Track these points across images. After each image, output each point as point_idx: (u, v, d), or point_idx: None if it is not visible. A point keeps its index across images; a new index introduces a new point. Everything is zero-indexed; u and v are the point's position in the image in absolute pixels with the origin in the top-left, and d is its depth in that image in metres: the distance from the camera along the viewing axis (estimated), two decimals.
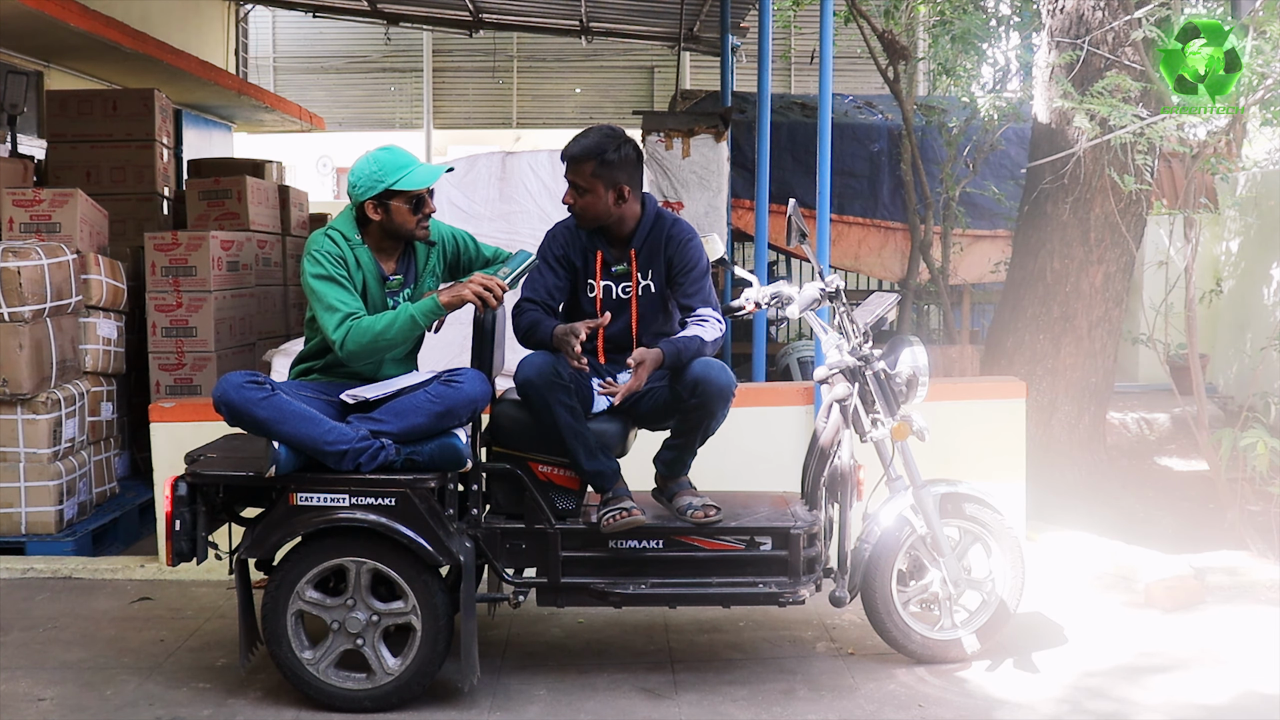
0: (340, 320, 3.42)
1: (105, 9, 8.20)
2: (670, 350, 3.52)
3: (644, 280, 3.71)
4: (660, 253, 3.71)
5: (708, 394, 3.51)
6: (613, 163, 3.62)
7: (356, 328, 3.42)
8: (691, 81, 14.69)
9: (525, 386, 3.51)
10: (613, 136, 3.67)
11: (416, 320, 3.46)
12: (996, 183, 8.53)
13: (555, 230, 3.81)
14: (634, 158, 3.68)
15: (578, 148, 3.64)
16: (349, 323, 3.42)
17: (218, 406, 3.38)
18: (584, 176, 3.63)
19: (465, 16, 11.37)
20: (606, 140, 3.64)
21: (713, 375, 3.51)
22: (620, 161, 3.63)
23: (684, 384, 3.54)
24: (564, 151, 3.68)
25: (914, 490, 3.72)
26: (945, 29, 7.82)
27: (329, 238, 3.56)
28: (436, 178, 3.62)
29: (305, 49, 15.71)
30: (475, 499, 3.60)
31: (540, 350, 3.57)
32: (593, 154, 3.61)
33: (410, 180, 3.54)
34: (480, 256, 3.86)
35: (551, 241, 3.78)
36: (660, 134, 6.99)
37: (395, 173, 3.53)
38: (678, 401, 3.58)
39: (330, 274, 3.48)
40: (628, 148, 3.67)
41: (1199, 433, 5.28)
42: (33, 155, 7.71)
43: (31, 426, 4.91)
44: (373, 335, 3.42)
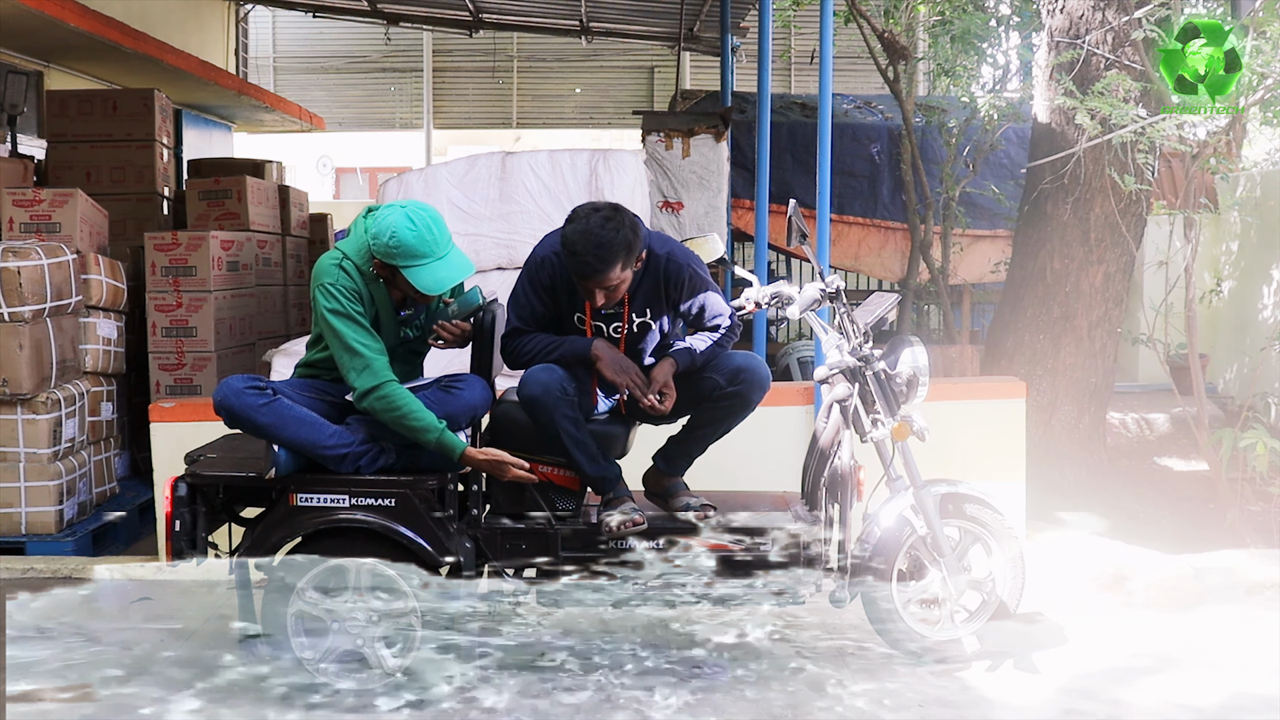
0: (365, 368, 3.36)
1: (105, 9, 8.19)
2: (684, 359, 3.60)
3: (639, 319, 3.68)
4: (661, 294, 3.66)
5: (750, 383, 3.59)
6: (630, 247, 3.46)
7: (391, 395, 3.35)
8: (691, 81, 14.68)
9: (531, 403, 3.51)
10: (615, 226, 3.43)
11: (436, 443, 3.38)
12: (996, 183, 8.53)
13: (545, 258, 3.63)
14: (635, 223, 3.49)
15: (600, 264, 3.41)
16: (384, 383, 3.35)
17: (218, 410, 3.38)
18: (613, 277, 3.48)
19: (465, 16, 11.37)
20: (614, 236, 3.42)
21: (755, 365, 3.62)
22: (634, 241, 3.47)
23: (724, 372, 3.60)
24: (584, 271, 3.45)
25: (914, 490, 3.72)
26: (945, 29, 7.82)
27: (343, 270, 3.46)
28: (446, 288, 3.46)
29: (305, 49, 15.70)
30: (475, 499, 3.61)
31: (546, 366, 3.55)
32: (616, 259, 3.44)
33: (418, 278, 3.39)
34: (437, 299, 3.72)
35: (539, 269, 3.63)
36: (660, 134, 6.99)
37: (408, 260, 3.39)
38: (711, 391, 3.60)
39: (347, 311, 3.40)
40: (626, 222, 3.46)
41: (1199, 433, 5.28)
42: (33, 155, 7.70)
43: (31, 426, 4.91)
44: (395, 415, 3.36)
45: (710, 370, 3.63)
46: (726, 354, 3.68)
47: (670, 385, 3.59)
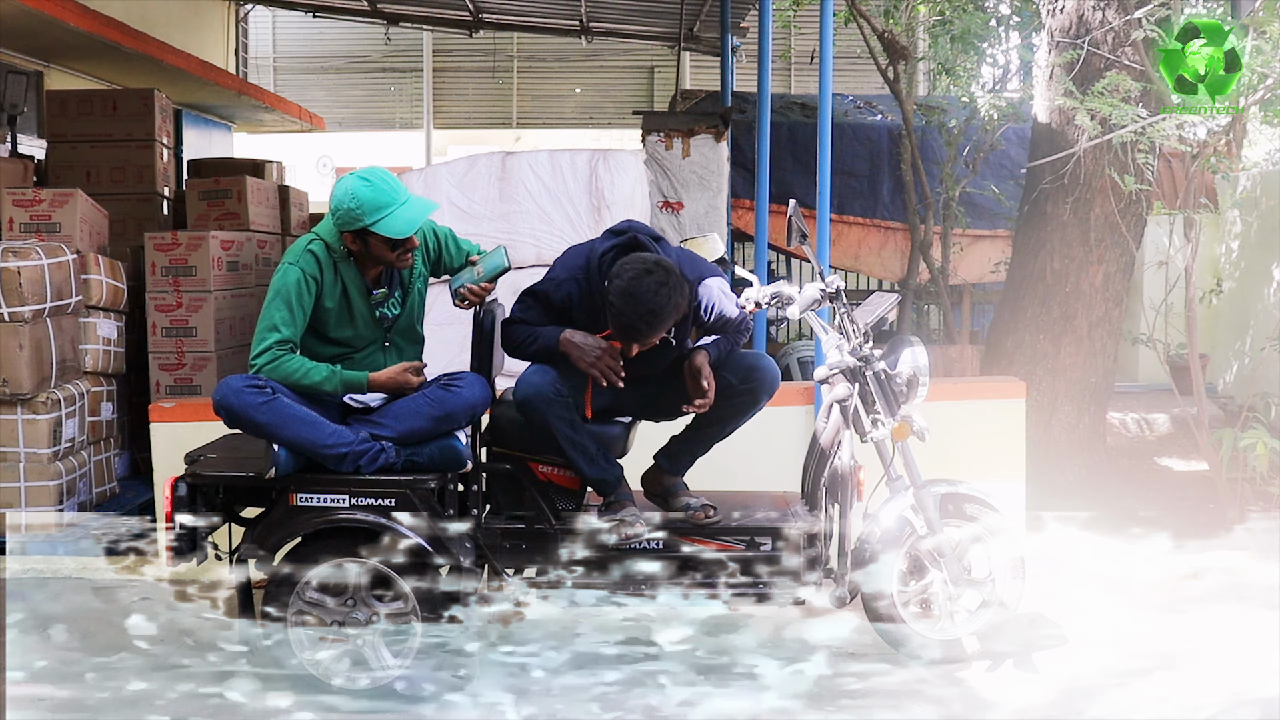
0: (269, 345, 3.42)
1: (105, 9, 8.19)
2: (715, 350, 3.63)
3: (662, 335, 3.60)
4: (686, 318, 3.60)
5: (761, 382, 3.62)
6: (679, 310, 3.39)
7: (282, 365, 3.42)
8: (691, 81, 14.68)
9: (524, 405, 3.50)
10: (668, 294, 3.31)
11: (340, 386, 3.46)
12: (996, 183, 8.52)
13: (564, 281, 3.55)
14: (683, 286, 3.39)
15: (649, 331, 3.35)
16: (278, 353, 3.42)
17: (217, 410, 3.38)
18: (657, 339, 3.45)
19: (465, 16, 11.36)
20: (666, 304, 3.32)
21: (766, 365, 3.65)
22: (683, 305, 3.40)
23: (737, 371, 3.61)
24: (631, 335, 3.38)
25: (914, 490, 3.71)
26: (945, 29, 7.82)
27: (311, 253, 3.49)
28: (416, 227, 3.46)
29: (305, 49, 15.70)
30: (475, 499, 3.61)
31: (539, 368, 3.54)
32: (666, 326, 3.39)
33: (387, 226, 3.41)
34: (460, 253, 3.75)
35: (556, 290, 3.56)
36: (660, 134, 6.98)
37: (373, 214, 3.40)
38: (723, 389, 3.60)
39: (290, 294, 3.44)
40: (675, 285, 3.34)
41: (1199, 433, 5.28)
42: (33, 155, 7.70)
43: (31, 426, 4.91)
44: (292, 380, 3.43)
45: (723, 369, 3.63)
46: (739, 353, 3.69)
47: (711, 376, 3.57)
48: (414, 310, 3.71)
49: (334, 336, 3.57)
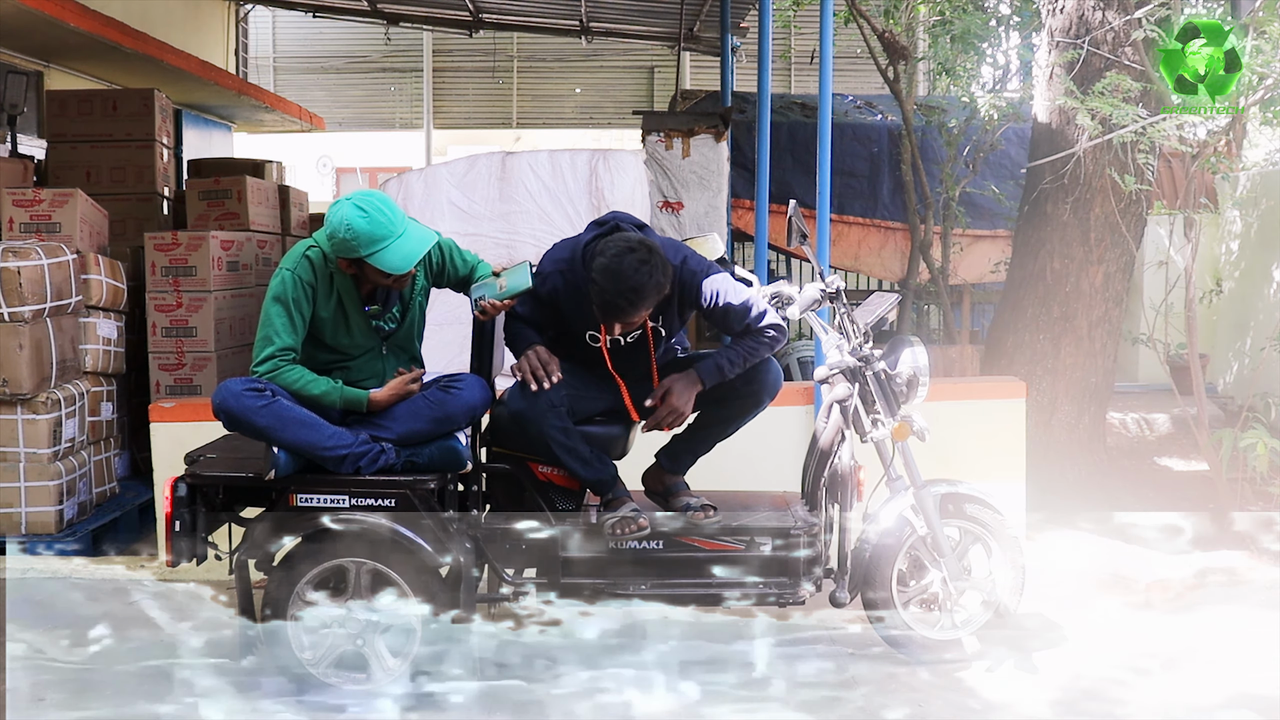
0: (270, 354, 3.41)
1: (105, 9, 8.19)
2: (712, 378, 3.55)
3: (651, 324, 3.61)
4: (673, 304, 3.60)
5: (764, 384, 3.64)
6: (661, 289, 3.38)
7: (282, 375, 3.42)
8: (691, 81, 14.68)
9: (517, 416, 3.50)
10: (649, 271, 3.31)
11: (340, 402, 3.46)
12: (996, 183, 8.52)
13: (549, 275, 3.54)
14: (666, 265, 3.39)
15: (631, 308, 3.34)
16: (279, 363, 3.42)
17: (217, 413, 3.39)
18: (640, 318, 3.44)
19: (465, 16, 11.36)
20: (648, 281, 3.32)
21: (770, 366, 3.67)
22: (665, 284, 3.38)
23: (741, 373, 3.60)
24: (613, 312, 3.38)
25: (914, 490, 3.71)
26: (945, 29, 7.81)
27: (308, 259, 3.47)
28: (413, 263, 3.41)
29: (305, 49, 15.70)
30: (475, 499, 3.60)
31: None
32: (648, 303, 3.38)
33: (383, 260, 3.37)
34: (464, 265, 3.71)
35: (540, 284, 3.53)
36: (660, 134, 6.98)
37: (368, 247, 3.36)
38: (725, 391, 3.61)
39: (287, 299, 3.43)
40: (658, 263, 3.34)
41: (1199, 433, 5.28)
42: (33, 155, 7.70)
43: (31, 426, 4.91)
44: (292, 390, 3.43)
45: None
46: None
47: (684, 412, 3.54)
48: (414, 325, 3.70)
49: (330, 344, 3.57)
